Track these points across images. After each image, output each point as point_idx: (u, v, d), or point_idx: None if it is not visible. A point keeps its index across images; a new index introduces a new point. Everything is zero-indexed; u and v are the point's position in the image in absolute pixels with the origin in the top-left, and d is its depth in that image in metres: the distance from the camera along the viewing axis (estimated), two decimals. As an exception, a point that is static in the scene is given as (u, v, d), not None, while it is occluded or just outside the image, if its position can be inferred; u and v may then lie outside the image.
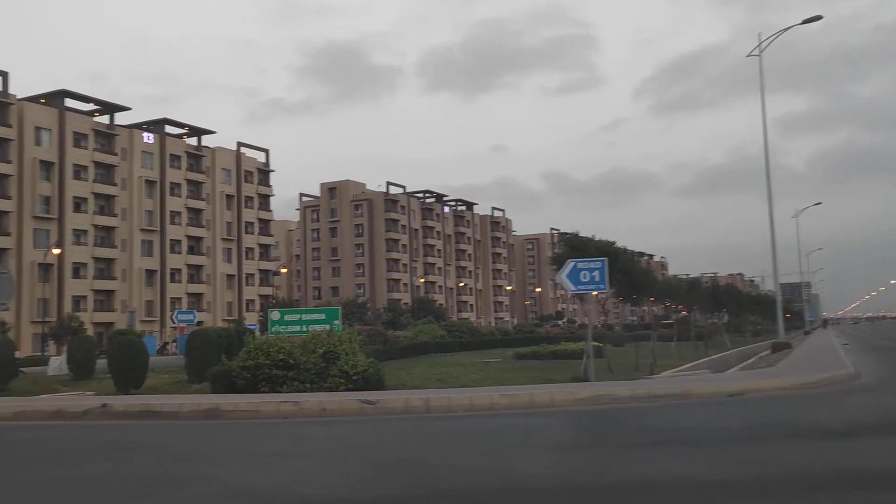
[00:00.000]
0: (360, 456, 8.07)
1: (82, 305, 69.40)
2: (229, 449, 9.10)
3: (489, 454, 8.02)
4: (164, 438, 10.51)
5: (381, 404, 11.83)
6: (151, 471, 7.57)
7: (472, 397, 11.97)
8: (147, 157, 78.62)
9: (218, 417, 12.08)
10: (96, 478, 7.20)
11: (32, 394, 19.14)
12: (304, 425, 11.15)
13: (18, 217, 66.36)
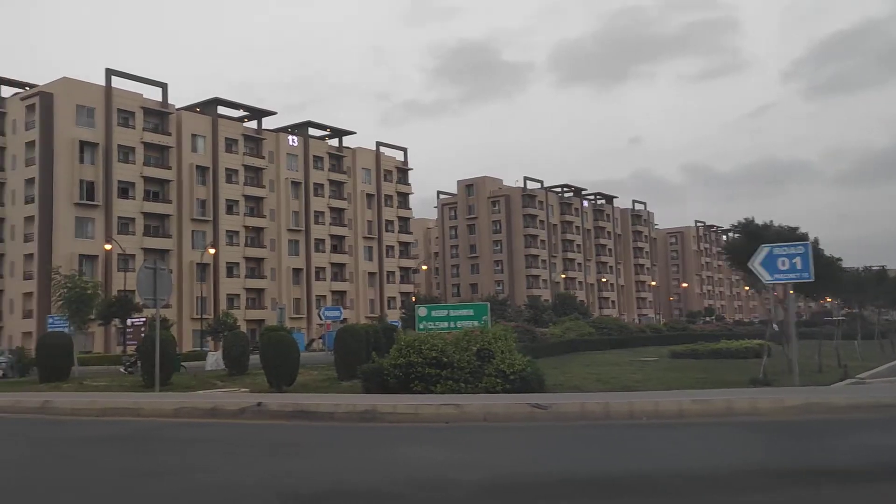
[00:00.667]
0: (562, 474, 6.69)
1: (235, 303, 72.69)
2: (389, 456, 8.00)
3: (735, 477, 6.37)
4: (320, 442, 9.62)
5: (553, 409, 10.42)
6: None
7: (659, 402, 10.32)
8: (292, 159, 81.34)
9: (374, 420, 11.14)
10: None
11: (192, 388, 19.21)
12: (470, 431, 9.94)
13: (178, 220, 70.36)
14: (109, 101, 66.42)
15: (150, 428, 11.93)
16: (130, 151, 67.75)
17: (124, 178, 66.86)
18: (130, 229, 66.36)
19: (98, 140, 65.45)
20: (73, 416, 13.84)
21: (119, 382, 23.05)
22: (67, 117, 64.03)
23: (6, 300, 65.92)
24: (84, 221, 64.54)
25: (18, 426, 12.96)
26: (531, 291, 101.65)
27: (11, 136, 66.76)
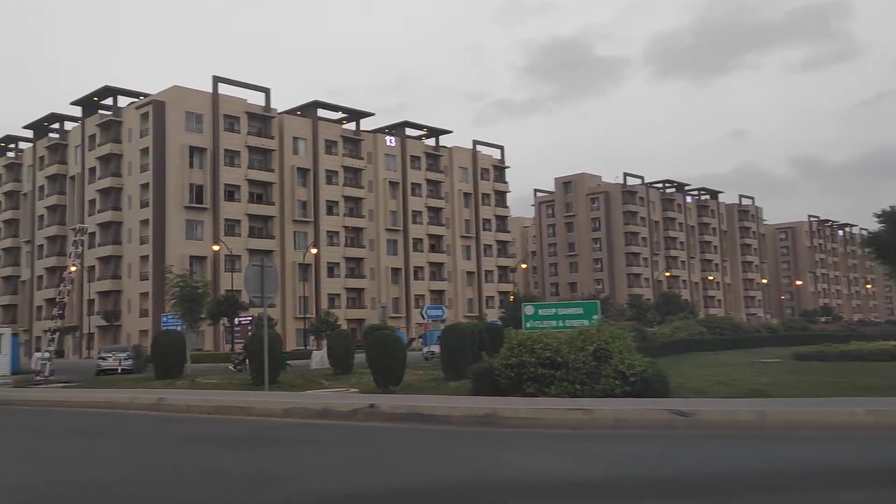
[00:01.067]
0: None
1: (336, 303, 73.78)
2: (519, 464, 7.21)
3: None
4: (439, 446, 8.95)
5: (696, 416, 9.38)
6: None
7: (826, 412, 9.09)
8: (390, 159, 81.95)
9: (494, 424, 10.39)
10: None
11: (299, 387, 19.03)
12: (602, 439, 9.02)
13: (281, 221, 72.07)
14: (216, 107, 68.71)
15: (262, 428, 11.62)
16: (236, 155, 69.86)
17: (230, 181, 69.01)
18: (236, 231, 68.40)
19: (206, 145, 67.83)
20: (186, 414, 13.78)
21: (229, 380, 23.26)
22: (178, 124, 66.64)
23: (124, 300, 69.26)
24: (193, 224, 66.99)
25: (134, 424, 12.97)
26: (632, 290, 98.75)
27: (128, 143, 70.09)
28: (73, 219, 73.16)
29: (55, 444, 10.65)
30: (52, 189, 77.26)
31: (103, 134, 71.98)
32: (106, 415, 14.67)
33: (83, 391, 19.58)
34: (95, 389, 20.22)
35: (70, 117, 77.64)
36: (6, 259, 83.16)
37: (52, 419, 14.67)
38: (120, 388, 20.47)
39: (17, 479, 7.53)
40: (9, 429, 13.11)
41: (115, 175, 70.47)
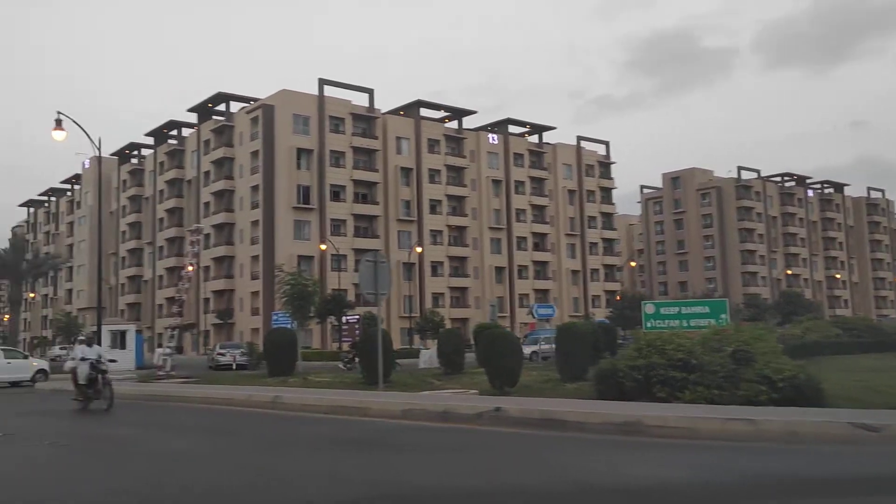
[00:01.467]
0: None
1: (440, 302, 73.60)
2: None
3: None
4: (581, 456, 7.94)
5: (886, 431, 7.96)
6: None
7: None
8: (493, 157, 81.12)
9: (638, 433, 9.30)
10: None
11: (411, 386, 18.40)
12: (783, 456, 7.75)
13: (385, 220, 72.56)
14: (322, 109, 69.87)
15: (380, 430, 10.96)
16: (341, 156, 70.83)
17: (336, 181, 70.02)
18: (342, 230, 69.30)
19: (312, 146, 69.09)
20: (302, 413, 13.35)
21: (340, 379, 22.99)
22: (286, 127, 68.18)
23: (237, 298, 71.52)
24: (301, 224, 68.35)
25: (253, 422, 12.59)
26: (747, 289, 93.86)
27: (239, 147, 72.36)
28: (190, 221, 76.24)
29: (182, 442, 10.34)
30: (170, 192, 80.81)
31: (217, 138, 74.62)
32: (225, 412, 14.48)
33: (202, 387, 19.70)
34: (214, 386, 20.33)
35: (187, 124, 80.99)
36: (131, 259, 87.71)
37: (175, 415, 14.61)
38: (237, 385, 20.49)
39: (146, 479, 7.13)
40: (136, 424, 13.02)
41: (227, 178, 72.89)
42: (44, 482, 7.33)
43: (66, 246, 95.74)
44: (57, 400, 18.30)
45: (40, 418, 14.41)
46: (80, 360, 15.39)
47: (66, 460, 8.95)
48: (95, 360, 15.29)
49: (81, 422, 13.62)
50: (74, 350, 16.70)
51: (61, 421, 13.82)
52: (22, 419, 14.19)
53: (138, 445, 10.27)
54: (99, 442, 10.59)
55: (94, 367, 15.21)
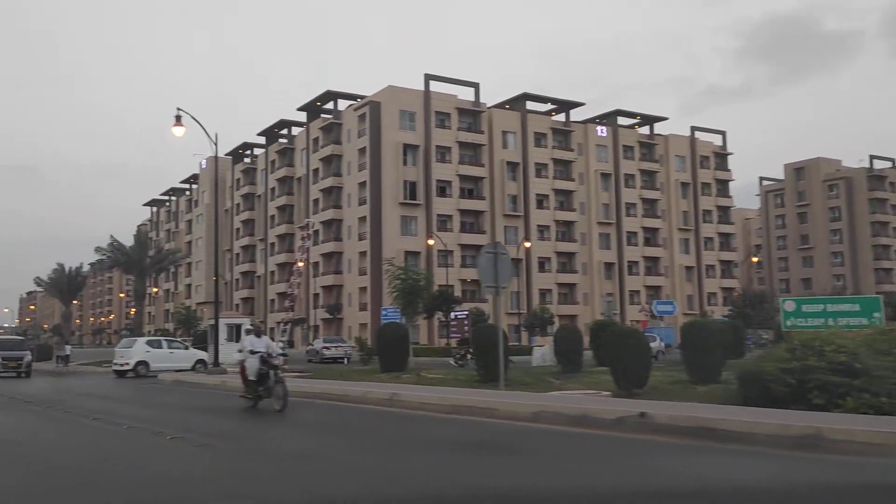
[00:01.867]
0: None
1: (547, 298, 72.06)
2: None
3: None
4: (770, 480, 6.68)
5: None
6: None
7: None
8: (601, 150, 78.76)
9: (816, 448, 7.92)
10: None
11: (530, 386, 17.40)
12: None
13: (491, 216, 71.69)
14: (428, 104, 69.71)
15: (510, 434, 10.02)
16: (447, 151, 70.48)
17: (442, 176, 69.72)
18: (448, 226, 68.92)
19: (418, 142, 69.04)
20: (421, 412, 12.60)
21: (454, 375, 22.23)
22: (392, 123, 68.42)
23: (345, 294, 72.49)
24: (407, 220, 68.46)
25: (373, 420, 11.89)
26: (881, 287, 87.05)
27: (346, 144, 73.28)
28: (299, 218, 77.97)
29: (308, 442, 9.72)
30: (281, 190, 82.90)
31: (325, 136, 75.88)
32: (342, 409, 13.92)
33: (317, 382, 19.35)
34: (328, 381, 19.98)
35: (297, 123, 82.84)
36: (244, 256, 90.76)
37: (294, 410, 14.17)
38: (351, 380, 20.06)
39: (281, 485, 6.47)
40: (259, 420, 12.56)
41: (335, 175, 73.98)
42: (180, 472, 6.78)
43: (185, 243, 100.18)
44: (200, 395, 18.34)
45: (211, 418, 14.23)
46: (248, 353, 13.60)
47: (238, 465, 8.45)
48: (266, 354, 13.43)
49: (245, 421, 12.88)
50: (242, 341, 15.03)
51: (229, 421, 13.58)
52: (197, 417, 14.03)
53: (268, 444, 9.75)
54: (233, 440, 10.12)
55: (266, 361, 13.33)
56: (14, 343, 31.94)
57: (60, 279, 49.12)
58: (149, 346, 29.24)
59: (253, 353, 13.44)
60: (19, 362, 28.70)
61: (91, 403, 16.00)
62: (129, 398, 18.30)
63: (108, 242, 40.04)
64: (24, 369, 28.67)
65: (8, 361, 28.48)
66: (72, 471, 7.67)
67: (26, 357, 29.31)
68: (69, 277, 49.27)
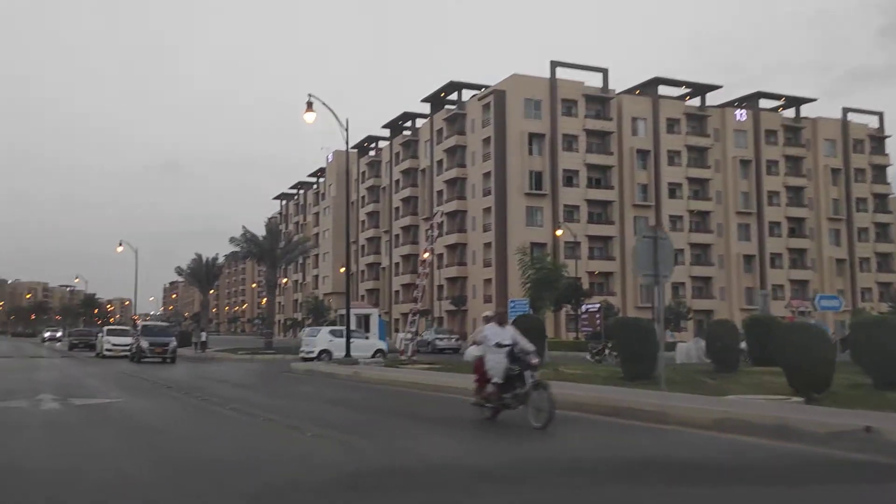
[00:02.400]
0: None
1: (680, 292, 68.44)
2: None
3: None
4: None
5: None
6: None
7: None
8: (740, 135, 73.93)
9: None
10: None
11: (682, 385, 15.44)
12: None
13: (620, 206, 68.85)
14: (554, 92, 67.69)
15: (699, 447, 8.40)
16: (573, 140, 68.24)
17: (568, 166, 67.57)
18: (575, 217, 66.70)
19: (544, 131, 67.19)
20: (577, 413, 11.17)
21: (595, 372, 20.64)
22: (517, 112, 66.89)
23: (469, 286, 71.76)
24: (533, 210, 66.81)
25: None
26: None
27: (471, 134, 72.40)
28: (424, 210, 77.97)
29: (450, 444, 8.55)
30: (405, 182, 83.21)
31: (449, 127, 75.35)
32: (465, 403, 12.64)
33: (449, 375, 18.31)
34: (463, 375, 18.89)
35: (420, 115, 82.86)
36: (369, 247, 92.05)
37: (438, 406, 13.14)
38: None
39: None
40: (420, 419, 11.50)
41: (459, 166, 73.30)
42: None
43: (313, 235, 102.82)
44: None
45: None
46: (492, 347, 9.93)
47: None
48: (512, 348, 9.80)
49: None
50: (479, 332, 10.62)
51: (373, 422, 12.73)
52: (332, 411, 13.36)
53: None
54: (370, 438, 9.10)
55: (516, 357, 9.73)
56: (160, 329, 33.17)
57: (198, 268, 50.96)
58: (331, 336, 29.86)
59: (499, 346, 9.82)
60: (165, 348, 29.51)
61: (227, 391, 15.65)
62: (264, 387, 17.95)
63: (241, 233, 40.88)
64: (169, 355, 29.47)
65: (154, 347, 29.32)
66: (209, 464, 6.99)
67: (172, 343, 30.15)
68: (206, 267, 51.03)
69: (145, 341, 29.41)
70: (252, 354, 34.98)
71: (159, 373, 22.20)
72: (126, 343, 32.82)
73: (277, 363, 28.83)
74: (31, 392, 14.20)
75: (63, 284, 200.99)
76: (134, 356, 29.89)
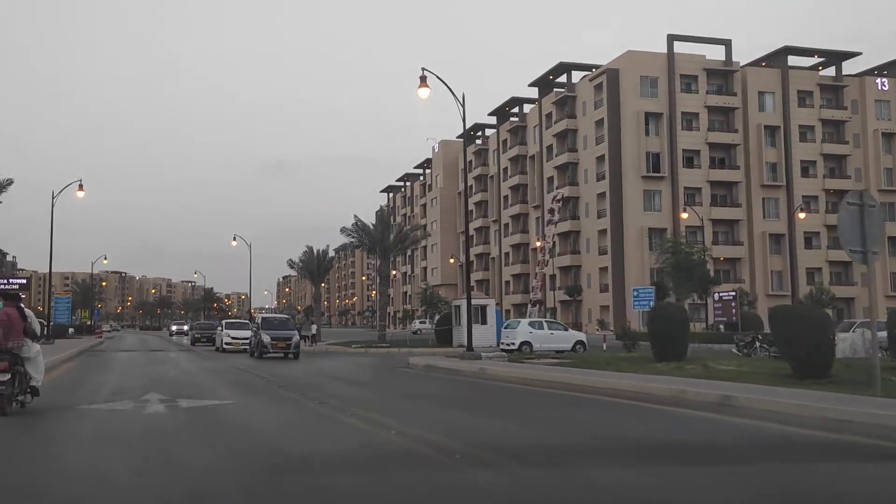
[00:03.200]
0: None
1: (816, 278, 63.08)
2: None
3: None
4: None
5: None
6: None
7: None
8: (882, 106, 67.36)
9: None
10: None
11: (859, 383, 12.59)
12: None
13: (747, 186, 64.17)
14: (672, 67, 63.66)
15: None
16: (694, 117, 64.04)
17: (688, 146, 63.49)
18: (696, 199, 62.54)
19: (661, 109, 63.36)
20: (771, 423, 8.80)
21: (751, 368, 17.78)
22: (632, 90, 63.32)
23: (584, 275, 68.81)
24: (651, 194, 63.19)
25: (727, 440, 8.15)
26: None
27: (582, 117, 69.30)
28: (533, 197, 75.50)
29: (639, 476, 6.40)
30: (514, 170, 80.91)
31: (559, 111, 72.51)
32: (641, 410, 10.35)
33: (578, 372, 16.12)
34: (593, 371, 16.70)
35: (528, 100, 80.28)
36: (478, 238, 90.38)
37: (577, 410, 11.03)
38: (622, 370, 16.55)
39: None
40: (616, 440, 9.39)
41: (570, 150, 70.40)
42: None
43: (421, 227, 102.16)
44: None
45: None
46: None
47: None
48: None
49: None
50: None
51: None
52: (486, 425, 11.53)
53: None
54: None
55: None
56: (280, 322, 29.83)
57: (310, 261, 50.74)
58: (531, 328, 28.89)
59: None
60: (288, 342, 26.83)
61: (345, 391, 14.09)
62: (384, 386, 16.33)
63: (353, 223, 39.91)
64: (292, 350, 26.87)
65: (277, 342, 26.69)
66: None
67: (294, 337, 27.58)
68: (317, 259, 50.74)
69: (266, 335, 26.82)
70: (366, 348, 33.82)
71: (275, 369, 21.09)
72: (245, 337, 31.49)
73: (393, 357, 27.43)
74: (140, 391, 13.11)
75: (185, 280, 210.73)
76: (253, 351, 28.25)
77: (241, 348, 31.33)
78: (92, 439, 8.31)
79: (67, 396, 12.65)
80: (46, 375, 18.64)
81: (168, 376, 18.08)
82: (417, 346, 33.26)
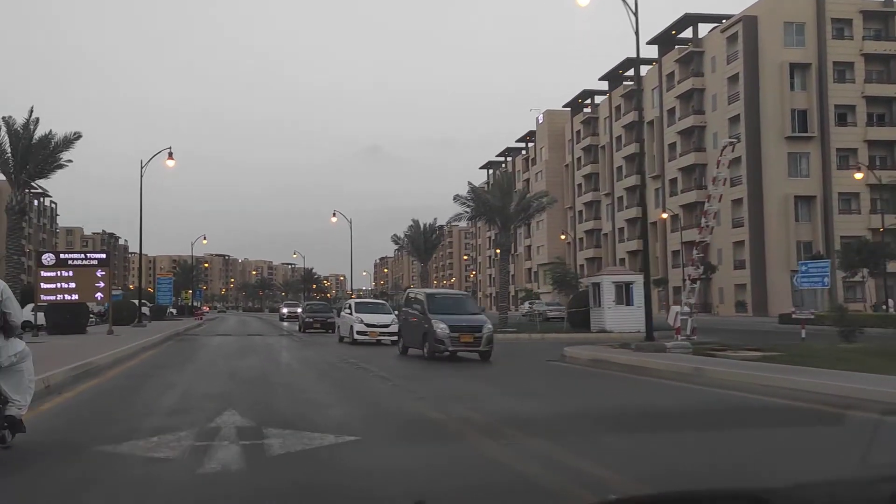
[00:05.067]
0: None
1: None
2: None
3: None
4: None
5: None
6: None
7: None
8: None
9: None
10: None
11: None
12: None
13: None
14: (821, 11, 55.43)
15: None
16: (848, 68, 55.73)
17: (842, 101, 55.31)
18: (851, 162, 54.26)
19: (809, 60, 55.35)
20: None
21: None
22: (773, 40, 55.52)
23: (713, 250, 61.52)
24: (796, 157, 55.49)
25: None
26: None
27: (710, 75, 61.89)
28: (651, 167, 68.55)
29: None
30: (628, 138, 74.04)
31: (682, 70, 65.29)
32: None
33: (771, 370, 10.53)
34: (797, 368, 11.12)
35: (645, 60, 72.60)
36: (587, 213, 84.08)
37: None
38: (859, 369, 10.82)
39: None
40: None
41: (697, 113, 63.19)
42: None
43: (545, 193, 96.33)
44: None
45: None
46: None
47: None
48: None
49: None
50: None
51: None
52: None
53: None
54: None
55: None
56: (454, 301, 20.08)
57: (416, 236, 46.40)
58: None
59: None
60: (478, 335, 17.46)
61: (511, 405, 9.04)
62: (554, 394, 11.23)
63: (468, 190, 34.91)
64: (484, 346, 17.50)
65: (461, 333, 17.25)
66: None
67: (486, 326, 17.89)
68: (425, 234, 46.30)
69: (441, 322, 17.14)
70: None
71: (425, 373, 16.34)
72: (385, 323, 23.18)
73: (526, 346, 22.44)
74: (211, 413, 8.22)
75: (285, 262, 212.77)
76: (407, 347, 19.12)
77: (376, 339, 22.85)
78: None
79: (99, 416, 8.28)
80: (108, 371, 14.27)
81: (263, 379, 13.39)
82: (549, 332, 28.09)
